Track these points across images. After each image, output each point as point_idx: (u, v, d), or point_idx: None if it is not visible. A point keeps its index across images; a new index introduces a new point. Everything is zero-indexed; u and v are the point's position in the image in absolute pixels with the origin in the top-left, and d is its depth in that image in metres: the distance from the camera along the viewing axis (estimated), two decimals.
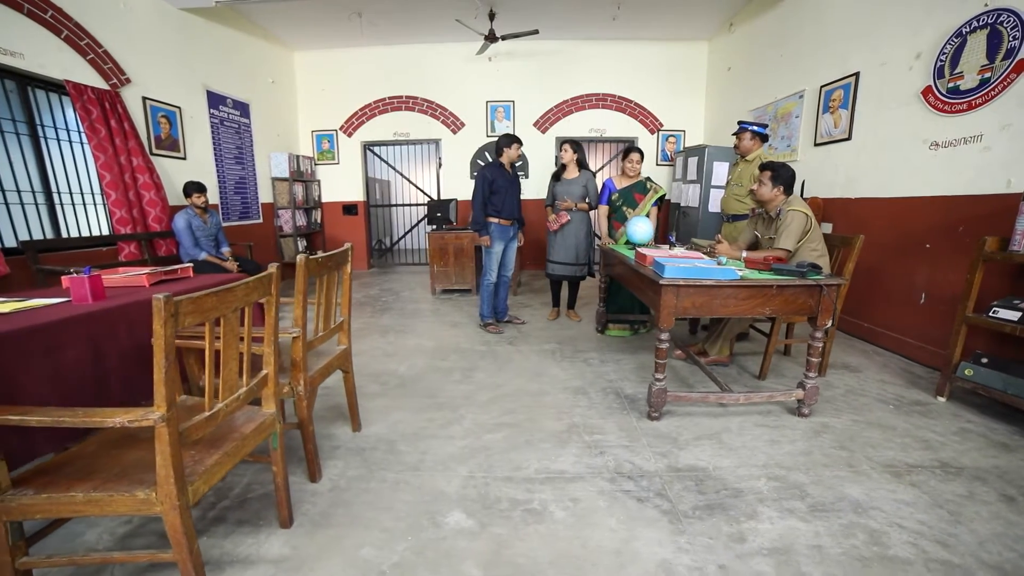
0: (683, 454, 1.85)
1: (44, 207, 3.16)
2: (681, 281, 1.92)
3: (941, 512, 1.48)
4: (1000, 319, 2.04)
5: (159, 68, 3.96)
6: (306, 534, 1.41)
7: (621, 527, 1.44)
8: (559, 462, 1.80)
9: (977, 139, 2.46)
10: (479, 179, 3.31)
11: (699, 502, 1.56)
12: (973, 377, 2.10)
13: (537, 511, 1.51)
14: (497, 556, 1.32)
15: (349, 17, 4.97)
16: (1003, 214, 2.28)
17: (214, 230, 3.99)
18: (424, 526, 1.44)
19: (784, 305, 2.01)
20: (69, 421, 0.92)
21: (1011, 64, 2.29)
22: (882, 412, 2.19)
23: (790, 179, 2.39)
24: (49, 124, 3.18)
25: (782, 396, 2.13)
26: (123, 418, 0.92)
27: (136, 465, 1.09)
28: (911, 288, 2.84)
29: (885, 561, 1.28)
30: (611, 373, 2.69)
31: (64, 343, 1.27)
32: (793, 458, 1.82)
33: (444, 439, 1.97)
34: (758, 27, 4.65)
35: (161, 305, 0.88)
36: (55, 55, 3.14)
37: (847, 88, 3.35)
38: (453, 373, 2.71)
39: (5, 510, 0.96)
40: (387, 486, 1.65)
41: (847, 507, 1.52)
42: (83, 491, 0.98)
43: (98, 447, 1.17)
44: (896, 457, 1.80)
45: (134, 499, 0.98)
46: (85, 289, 1.47)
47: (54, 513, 0.98)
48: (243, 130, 5.09)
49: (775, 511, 1.51)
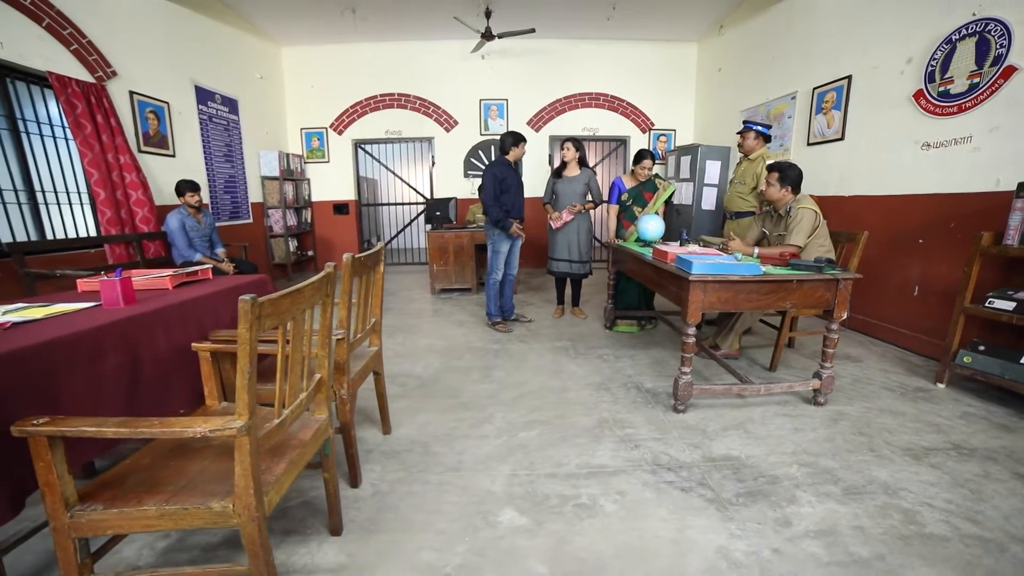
0: (715, 444, 1.91)
1: (27, 207, 2.96)
2: (709, 277, 1.97)
3: (963, 491, 1.58)
4: (996, 309, 2.18)
5: (146, 61, 3.78)
6: (359, 540, 1.38)
7: (672, 517, 1.47)
8: (598, 457, 1.82)
9: (967, 140, 2.61)
10: (490, 177, 3.30)
11: (740, 490, 1.61)
12: (972, 364, 2.24)
13: (587, 505, 1.53)
14: (559, 552, 1.33)
15: (342, 12, 4.86)
16: (993, 211, 2.43)
17: (208, 230, 3.84)
18: (479, 526, 1.44)
19: (803, 298, 2.08)
20: (147, 432, 0.88)
21: (999, 70, 2.44)
22: (890, 399, 2.30)
23: (797, 178, 2.48)
24: (31, 119, 2.99)
25: (800, 386, 2.21)
26: (204, 427, 0.88)
27: (201, 476, 1.04)
28: (905, 281, 3.00)
29: (924, 539, 1.36)
30: (628, 368, 2.74)
31: (107, 349, 1.20)
32: (818, 444, 1.89)
33: (478, 439, 1.96)
34: (748, 29, 4.79)
35: (248, 308, 0.85)
36: (36, 44, 2.95)
37: (840, 90, 3.50)
38: (471, 372, 2.70)
39: (75, 526, 0.91)
40: (431, 488, 1.63)
41: (878, 489, 1.60)
42: (155, 504, 0.94)
43: (152, 459, 1.11)
44: (912, 441, 1.91)
45: (210, 512, 0.94)
46: (117, 292, 1.39)
47: (125, 528, 0.94)
48: (232, 127, 4.90)
49: (812, 495, 1.57)
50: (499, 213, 3.29)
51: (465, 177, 6.31)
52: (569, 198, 3.50)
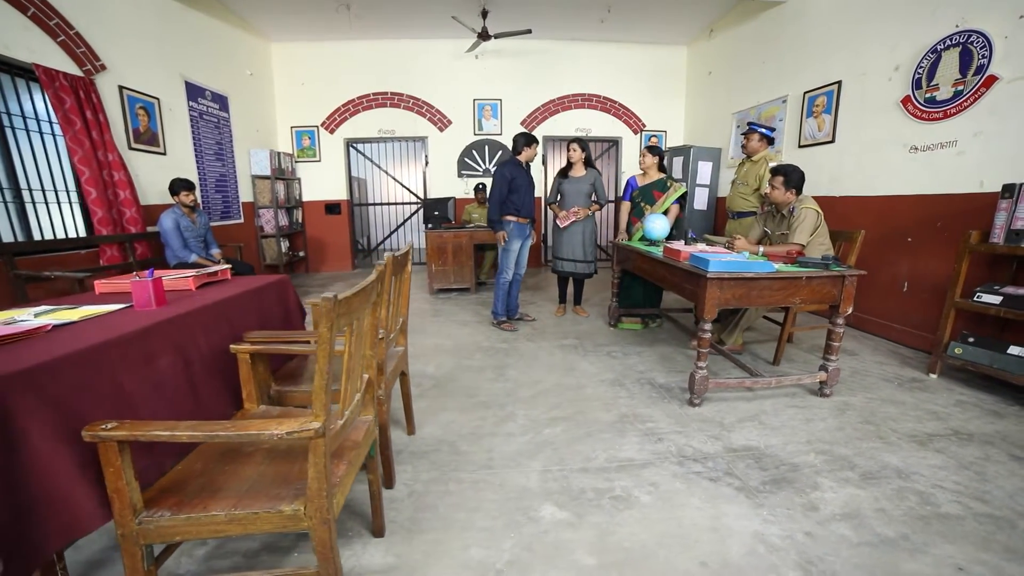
0: (733, 436, 1.97)
1: (13, 205, 2.82)
2: (726, 275, 2.04)
3: (969, 473, 1.68)
4: (984, 303, 2.32)
5: (135, 55, 3.63)
6: (403, 541, 1.38)
7: (706, 505, 1.53)
8: (624, 450, 1.86)
9: (952, 144, 2.77)
10: (499, 177, 3.33)
11: (765, 478, 1.68)
12: (963, 355, 2.39)
13: (623, 497, 1.57)
14: (603, 543, 1.36)
15: (337, 9, 4.78)
16: (979, 210, 2.59)
17: (203, 230, 3.72)
18: (521, 522, 1.46)
19: (811, 294, 2.18)
20: (222, 435, 0.87)
21: (981, 79, 2.60)
22: (889, 390, 2.43)
23: (800, 180, 2.59)
24: (16, 113, 2.84)
25: (808, 379, 2.31)
26: (280, 430, 0.87)
27: (261, 481, 1.03)
28: (894, 278, 3.16)
29: (941, 518, 1.45)
30: (638, 365, 2.80)
31: (154, 351, 1.17)
32: (830, 433, 1.99)
33: (504, 436, 1.98)
34: (739, 34, 4.94)
35: (330, 307, 0.85)
36: (21, 35, 2.80)
37: (830, 95, 3.66)
38: (485, 371, 2.71)
39: (143, 533, 0.89)
40: (466, 487, 1.64)
41: (892, 474, 1.69)
42: (224, 510, 0.92)
43: (203, 464, 1.09)
44: (915, 428, 2.02)
45: (280, 515, 0.94)
46: (149, 294, 1.35)
47: (194, 535, 0.92)
48: (223, 125, 4.76)
49: (832, 481, 1.65)
50: (496, 213, 3.34)
51: (459, 177, 6.30)
52: (575, 198, 3.55)
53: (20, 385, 0.84)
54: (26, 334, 1.07)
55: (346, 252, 6.43)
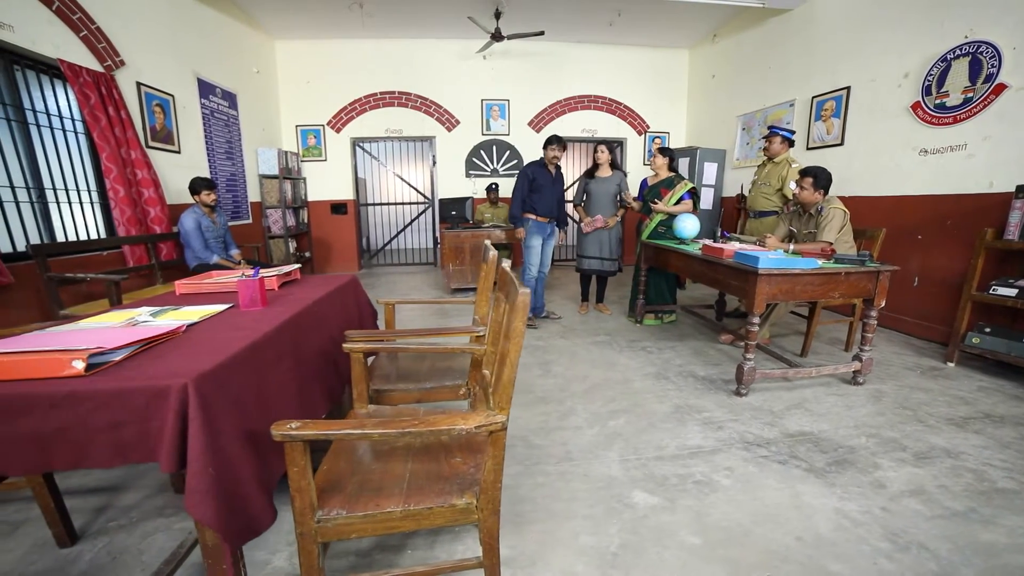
0: (786, 422, 2.09)
1: (37, 205, 2.71)
2: (775, 271, 2.15)
3: (1011, 452, 1.83)
4: (1000, 295, 2.51)
5: (151, 51, 3.53)
6: (513, 533, 1.42)
7: (783, 486, 1.62)
8: (691, 439, 1.95)
9: (962, 147, 2.97)
10: (520, 176, 3.48)
11: (828, 460, 1.79)
12: (980, 344, 2.57)
13: (705, 482, 1.65)
14: (701, 524, 1.44)
15: (350, 7, 4.74)
16: (987, 209, 2.79)
17: (223, 231, 3.65)
18: (618, 509, 1.52)
19: (849, 289, 2.31)
20: (413, 430, 0.89)
21: (990, 87, 2.80)
22: (913, 378, 2.59)
23: (828, 181, 2.73)
24: (41, 110, 2.73)
25: (845, 368, 2.45)
26: (469, 424, 0.91)
27: (416, 477, 1.05)
28: (906, 273, 3.35)
29: (999, 493, 1.58)
30: (675, 359, 2.90)
31: (283, 352, 1.18)
32: (873, 419, 2.12)
33: (572, 430, 2.04)
34: (743, 39, 5.12)
35: (527, 300, 0.89)
36: (46, 29, 2.70)
37: (839, 99, 3.85)
38: (531, 368, 2.76)
39: (322, 531, 0.91)
40: (554, 478, 1.69)
41: (941, 454, 1.82)
42: (399, 507, 0.95)
43: (348, 464, 1.11)
44: (949, 412, 2.17)
45: (452, 510, 0.97)
46: (255, 293, 1.36)
47: (368, 532, 0.95)
48: (232, 123, 4.66)
49: (891, 461, 1.77)
50: (517, 210, 3.49)
51: (467, 177, 6.31)
52: (601, 198, 3.64)
53: (212, 383, 0.86)
54: (168, 335, 1.07)
55: (352, 253, 6.36)
